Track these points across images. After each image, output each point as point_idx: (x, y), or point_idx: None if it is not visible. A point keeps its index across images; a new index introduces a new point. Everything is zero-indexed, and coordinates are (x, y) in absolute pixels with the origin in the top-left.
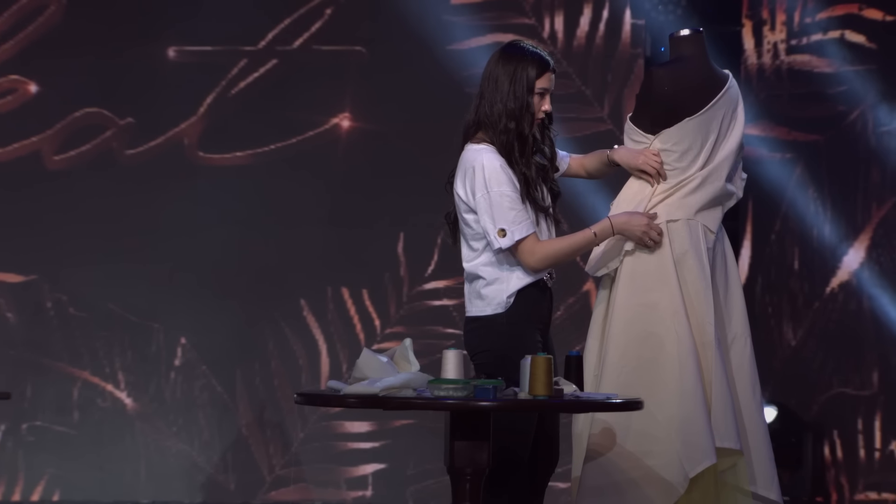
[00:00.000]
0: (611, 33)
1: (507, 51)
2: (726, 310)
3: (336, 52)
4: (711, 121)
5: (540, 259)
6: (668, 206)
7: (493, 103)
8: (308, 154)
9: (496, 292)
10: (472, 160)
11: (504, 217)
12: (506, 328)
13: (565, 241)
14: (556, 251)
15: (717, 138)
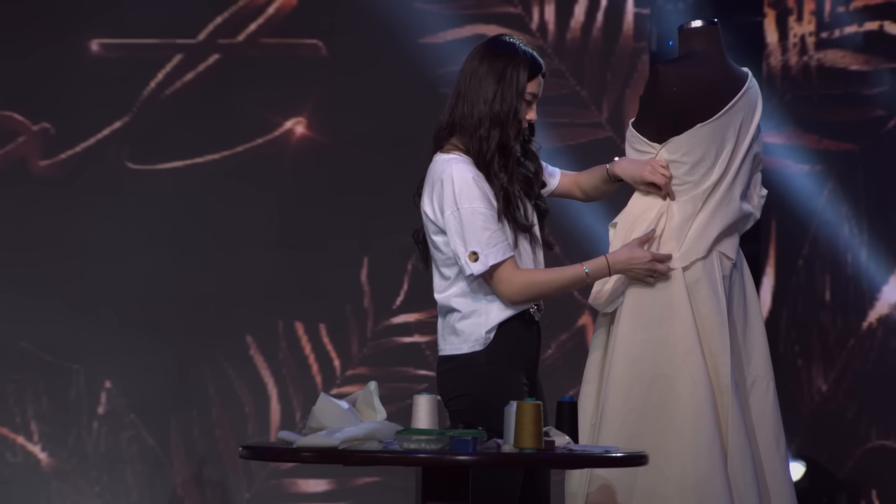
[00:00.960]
0: (611, 25)
1: (495, 45)
2: (745, 348)
3: (289, 47)
4: (727, 127)
5: (518, 290)
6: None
7: (475, 104)
8: (256, 165)
9: (473, 327)
10: (441, 172)
11: (476, 238)
12: (485, 369)
13: (550, 274)
14: (537, 283)
15: (735, 147)
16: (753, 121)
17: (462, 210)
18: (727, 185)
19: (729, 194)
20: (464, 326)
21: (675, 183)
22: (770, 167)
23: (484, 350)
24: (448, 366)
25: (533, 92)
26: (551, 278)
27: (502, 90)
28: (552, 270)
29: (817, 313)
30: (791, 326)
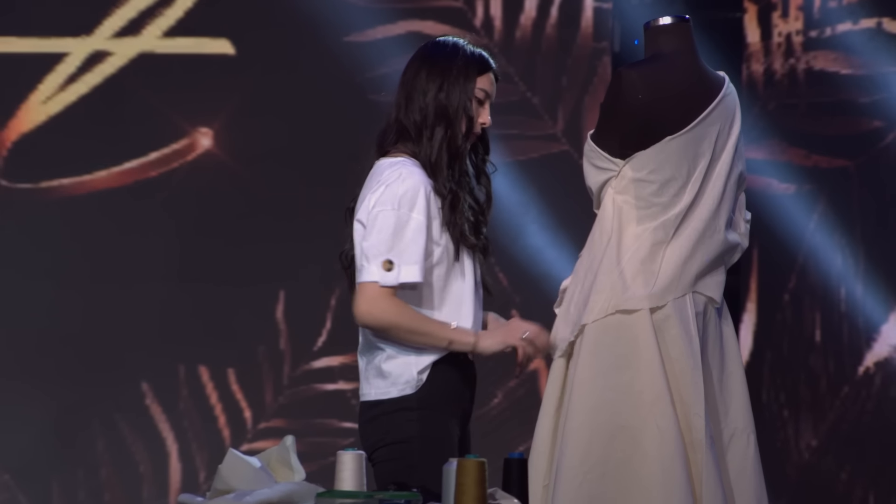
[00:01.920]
0: (567, 21)
1: (438, 44)
2: (722, 397)
3: (193, 47)
4: (701, 140)
5: (377, 314)
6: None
7: (418, 102)
8: (152, 183)
9: (402, 367)
10: (385, 174)
11: (401, 248)
12: (417, 415)
13: (418, 320)
14: (398, 320)
15: (710, 164)
16: (732, 133)
17: (399, 213)
18: (710, 210)
19: (713, 223)
20: (392, 367)
21: (641, 206)
22: (751, 187)
23: (415, 394)
24: (372, 412)
25: (484, 88)
26: (417, 324)
27: (448, 84)
28: (423, 318)
29: (806, 356)
30: (775, 372)
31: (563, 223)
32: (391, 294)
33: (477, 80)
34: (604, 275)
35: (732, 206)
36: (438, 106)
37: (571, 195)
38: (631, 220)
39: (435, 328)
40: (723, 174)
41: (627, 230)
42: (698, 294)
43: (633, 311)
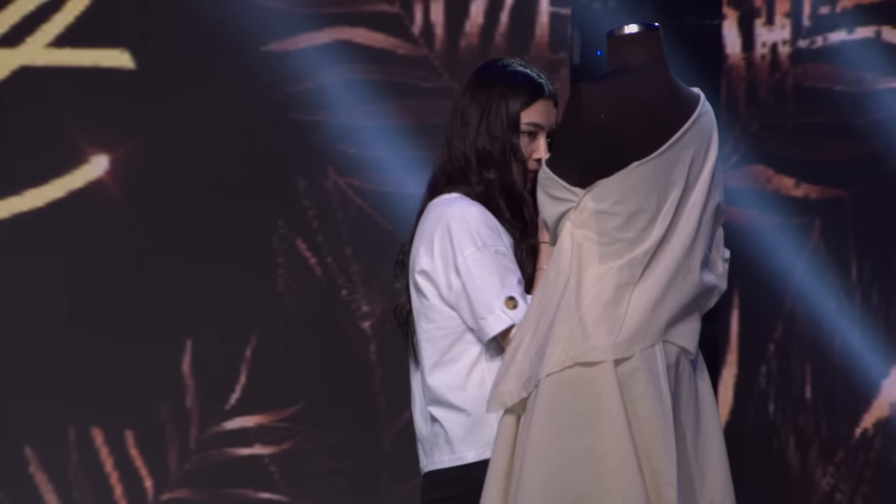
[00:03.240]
0: (519, 29)
1: (479, 73)
2: (697, 462)
3: (85, 59)
4: (673, 166)
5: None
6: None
7: (461, 146)
8: (36, 218)
9: (482, 427)
10: (443, 214)
11: (510, 280)
12: None
13: None
14: None
15: (684, 194)
16: (708, 158)
17: (486, 250)
18: (683, 248)
19: (687, 262)
20: (469, 425)
21: (604, 242)
22: (731, 219)
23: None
24: (450, 489)
25: (533, 121)
26: None
27: (488, 123)
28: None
29: (795, 416)
30: (759, 433)
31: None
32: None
33: (522, 114)
34: (561, 322)
35: (709, 242)
36: (480, 148)
37: None
38: (592, 258)
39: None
40: (698, 206)
41: (588, 270)
42: (670, 344)
43: (595, 363)
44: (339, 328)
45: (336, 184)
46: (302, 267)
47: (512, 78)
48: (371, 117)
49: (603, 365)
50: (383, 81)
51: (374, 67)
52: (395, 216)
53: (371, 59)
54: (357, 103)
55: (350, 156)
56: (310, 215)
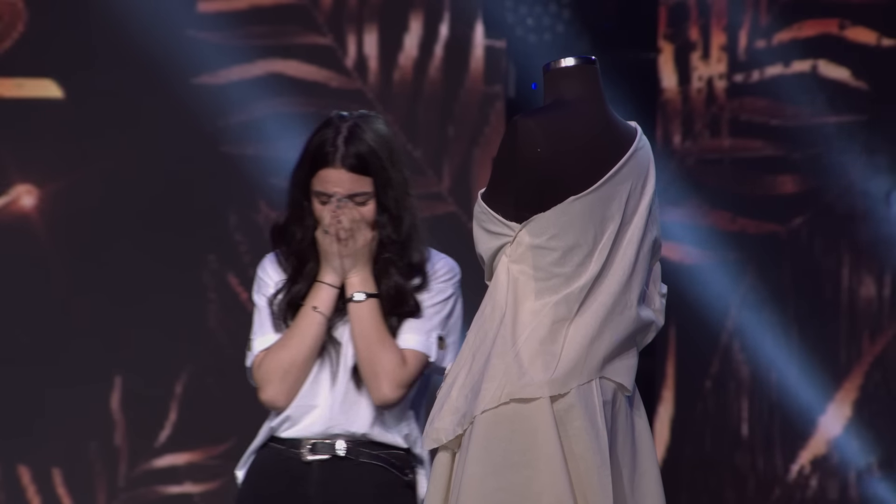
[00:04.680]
0: (454, 61)
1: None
2: (633, 500)
3: (12, 89)
4: (610, 201)
5: (259, 376)
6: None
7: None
8: None
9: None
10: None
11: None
12: None
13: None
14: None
15: (620, 229)
16: (645, 193)
17: (255, 294)
18: (620, 283)
19: (624, 297)
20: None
21: (540, 277)
22: (668, 254)
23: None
24: None
25: (320, 190)
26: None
27: (291, 184)
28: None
29: (731, 453)
30: (696, 469)
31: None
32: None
33: (311, 182)
34: (497, 357)
35: (646, 277)
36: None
37: (459, 263)
38: (528, 293)
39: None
40: (634, 241)
41: (524, 305)
42: (606, 380)
43: (531, 399)
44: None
45: (268, 218)
46: (234, 302)
47: (309, 144)
48: None
49: (539, 401)
50: (316, 114)
51: (307, 100)
52: None
53: (304, 92)
54: (290, 136)
55: (282, 189)
56: (241, 250)
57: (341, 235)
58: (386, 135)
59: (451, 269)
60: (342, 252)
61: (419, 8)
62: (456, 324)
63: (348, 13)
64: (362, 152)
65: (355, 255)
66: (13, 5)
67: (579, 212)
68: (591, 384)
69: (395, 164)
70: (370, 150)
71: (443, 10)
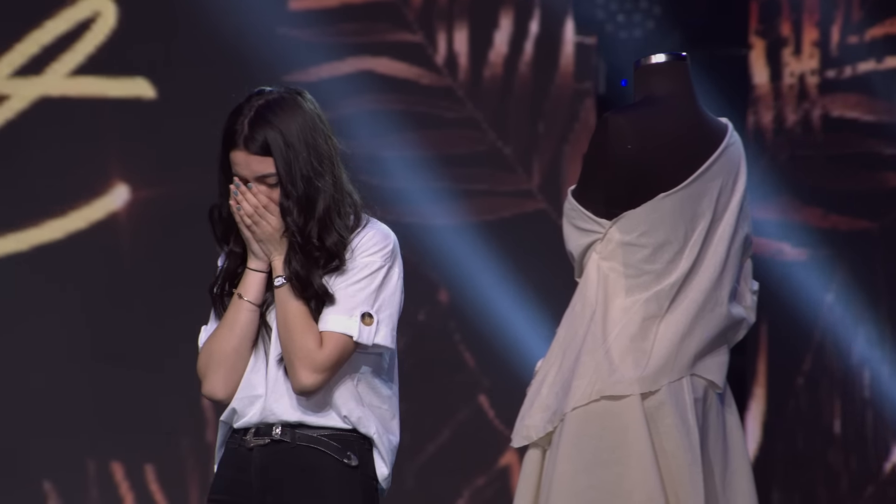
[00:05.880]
0: (543, 58)
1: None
2: (725, 497)
3: (105, 88)
4: (701, 198)
5: (198, 369)
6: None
7: None
8: (56, 249)
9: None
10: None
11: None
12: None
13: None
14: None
15: (712, 225)
16: (736, 189)
17: None
18: (711, 280)
19: (715, 294)
20: None
21: (630, 274)
22: (758, 252)
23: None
24: None
25: (233, 172)
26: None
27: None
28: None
29: (824, 451)
30: (788, 468)
31: (540, 294)
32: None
33: (228, 158)
34: (587, 354)
35: (737, 274)
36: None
37: (549, 261)
38: (619, 290)
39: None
40: (725, 237)
41: (614, 302)
42: (697, 377)
43: (622, 396)
44: None
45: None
46: None
47: (225, 123)
48: (394, 148)
49: (629, 398)
50: (406, 112)
51: (397, 97)
52: (418, 248)
53: (394, 89)
54: (380, 134)
55: (372, 187)
56: None
57: (245, 221)
58: (300, 112)
59: (381, 239)
60: (255, 237)
61: (509, 5)
62: (391, 296)
63: (438, 10)
64: (265, 133)
65: (269, 239)
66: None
67: (670, 209)
68: (682, 381)
69: (306, 144)
70: (274, 130)
71: (533, 6)
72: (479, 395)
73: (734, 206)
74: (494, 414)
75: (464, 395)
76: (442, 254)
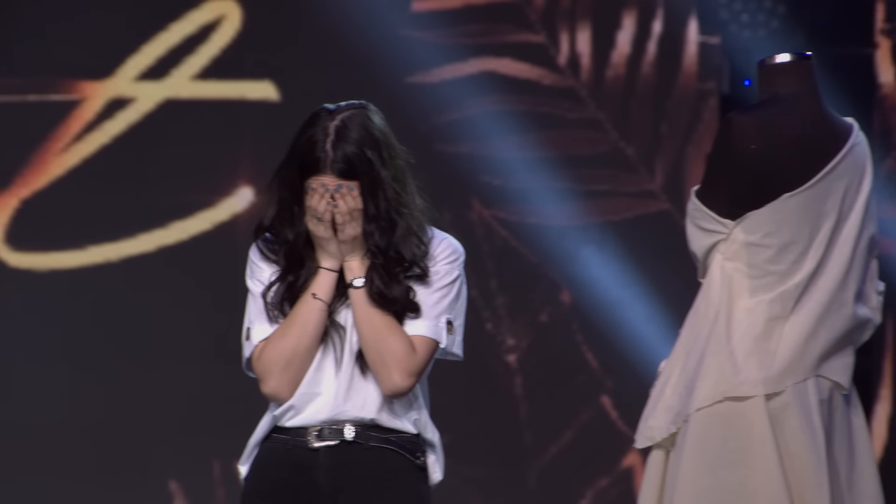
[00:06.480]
0: (667, 58)
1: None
2: (851, 501)
3: (230, 91)
4: (826, 197)
5: (259, 368)
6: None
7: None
8: (183, 249)
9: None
10: None
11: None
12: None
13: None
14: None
15: (837, 226)
16: (862, 189)
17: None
18: (836, 280)
19: (840, 295)
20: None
21: (754, 274)
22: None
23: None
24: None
25: (312, 187)
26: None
27: (281, 175)
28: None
29: None
30: None
31: (663, 294)
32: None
33: (305, 182)
34: (711, 355)
35: (862, 275)
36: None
37: (672, 261)
38: (743, 290)
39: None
40: (851, 238)
41: (738, 303)
42: (822, 378)
43: (746, 397)
44: (484, 362)
45: (481, 216)
46: None
47: (296, 144)
48: (516, 148)
49: (754, 400)
50: (528, 112)
51: (519, 98)
52: (540, 248)
53: (516, 90)
54: (502, 134)
55: (495, 187)
56: None
57: (338, 220)
58: (375, 129)
59: (456, 250)
60: (340, 237)
61: (632, 4)
62: (462, 306)
63: (561, 11)
64: (349, 156)
65: (354, 241)
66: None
67: (794, 209)
68: (807, 382)
69: (386, 162)
70: (357, 152)
71: (656, 6)
72: (602, 397)
73: (860, 206)
74: (617, 415)
75: (586, 397)
76: (564, 254)
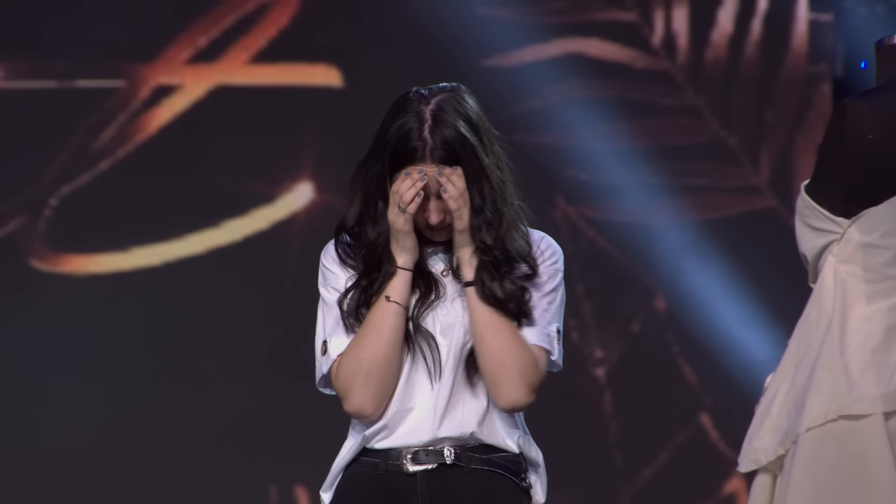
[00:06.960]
0: (773, 38)
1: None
2: None
3: (288, 76)
4: None
5: (339, 384)
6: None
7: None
8: (241, 251)
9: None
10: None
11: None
12: None
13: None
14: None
15: None
16: None
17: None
18: None
19: None
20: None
21: (871, 279)
22: None
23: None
24: None
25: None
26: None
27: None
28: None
29: None
30: None
31: (769, 301)
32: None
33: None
34: (823, 369)
35: None
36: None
37: (779, 264)
38: (859, 297)
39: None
40: None
41: (854, 310)
42: None
43: (862, 416)
44: (569, 375)
45: (566, 213)
46: None
47: (386, 134)
48: (605, 139)
49: (871, 418)
50: (619, 98)
51: (609, 83)
52: (632, 250)
53: (605, 74)
54: (589, 123)
55: (581, 182)
56: None
57: (452, 206)
58: (473, 113)
59: (557, 249)
60: (457, 225)
61: None
62: (563, 312)
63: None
64: (450, 141)
65: (466, 230)
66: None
67: None
68: None
69: (486, 148)
70: (459, 137)
71: None
72: (701, 415)
73: None
74: (719, 435)
75: (684, 415)
76: (659, 257)
